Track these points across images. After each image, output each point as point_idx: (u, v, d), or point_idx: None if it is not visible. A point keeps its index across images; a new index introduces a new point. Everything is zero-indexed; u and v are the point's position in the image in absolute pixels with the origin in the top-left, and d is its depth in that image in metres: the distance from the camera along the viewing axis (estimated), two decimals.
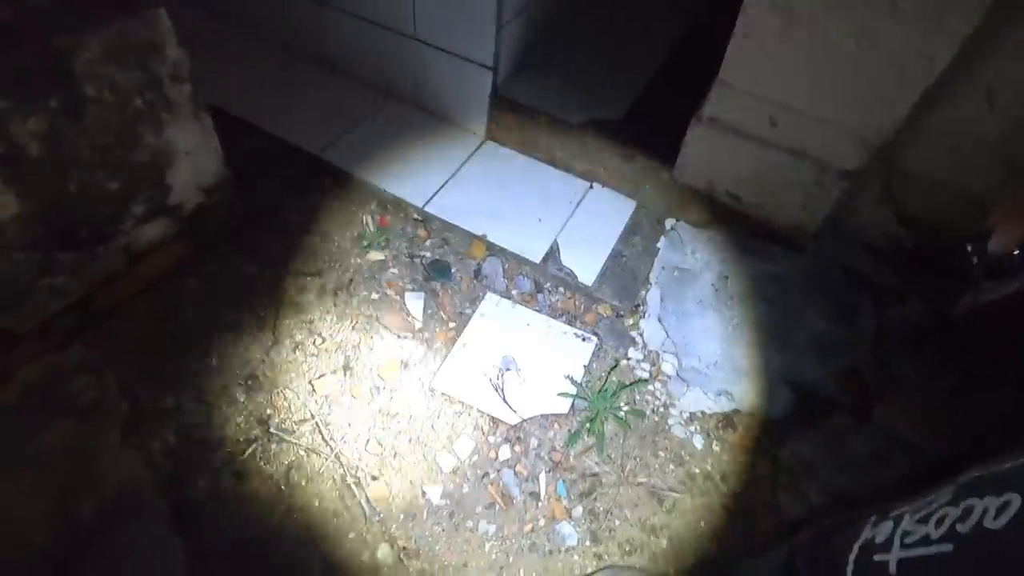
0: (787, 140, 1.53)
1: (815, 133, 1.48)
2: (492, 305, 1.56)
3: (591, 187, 1.83)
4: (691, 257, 1.69)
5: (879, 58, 1.29)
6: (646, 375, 1.46)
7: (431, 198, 1.74)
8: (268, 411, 1.31)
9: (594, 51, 2.07)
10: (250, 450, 1.25)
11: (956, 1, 1.16)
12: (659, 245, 1.71)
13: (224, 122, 1.47)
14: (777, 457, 1.35)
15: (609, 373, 1.44)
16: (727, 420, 1.40)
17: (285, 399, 1.33)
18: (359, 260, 1.60)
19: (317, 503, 1.20)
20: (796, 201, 1.62)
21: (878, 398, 1.46)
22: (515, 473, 1.28)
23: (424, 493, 1.24)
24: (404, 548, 1.16)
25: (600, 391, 1.40)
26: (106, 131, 1.19)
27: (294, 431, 1.29)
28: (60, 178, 1.15)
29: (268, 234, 1.61)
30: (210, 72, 1.38)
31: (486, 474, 1.28)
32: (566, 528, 1.22)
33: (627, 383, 1.43)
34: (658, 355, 1.50)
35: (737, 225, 1.74)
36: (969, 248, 1.03)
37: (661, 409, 1.41)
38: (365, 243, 1.63)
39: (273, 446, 1.26)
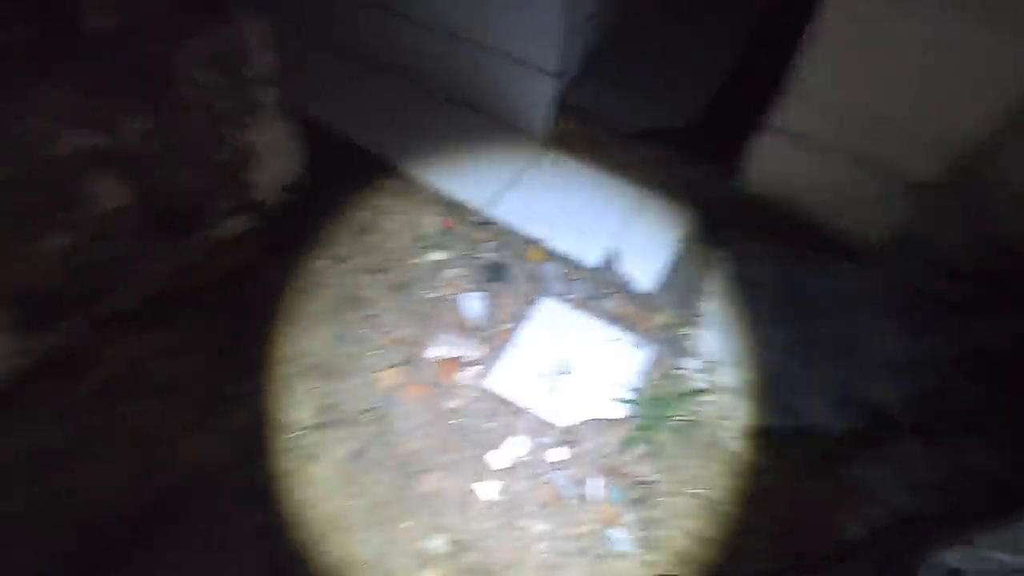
0: (859, 150, 1.48)
1: (890, 144, 1.43)
2: (549, 308, 1.57)
3: (652, 194, 1.82)
4: (752, 268, 1.66)
5: (965, 66, 1.24)
6: (703, 385, 1.44)
7: (492, 201, 1.77)
8: (332, 399, 1.37)
9: (659, 58, 2.06)
10: (314, 435, 1.31)
11: None
12: (719, 255, 1.68)
13: (301, 124, 1.55)
14: (840, 477, 1.30)
15: (665, 382, 1.43)
16: (787, 436, 1.37)
17: (351, 388, 1.39)
18: (421, 259, 1.65)
19: (376, 489, 1.25)
20: (867, 214, 1.56)
21: (951, 422, 1.39)
22: (568, 475, 1.29)
23: (478, 488, 1.26)
24: (457, 540, 1.19)
25: (655, 399, 1.39)
26: (200, 130, 1.28)
27: (356, 420, 1.34)
28: (159, 172, 1.25)
29: (337, 231, 1.69)
30: (289, 77, 1.46)
31: (539, 474, 1.29)
32: (618, 534, 1.22)
33: (683, 392, 1.42)
34: (715, 366, 1.48)
35: (802, 237, 1.69)
36: None
37: (717, 421, 1.39)
38: (427, 243, 1.68)
39: (336, 433, 1.32)
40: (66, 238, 1.13)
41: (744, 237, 1.72)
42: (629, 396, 1.41)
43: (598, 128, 1.85)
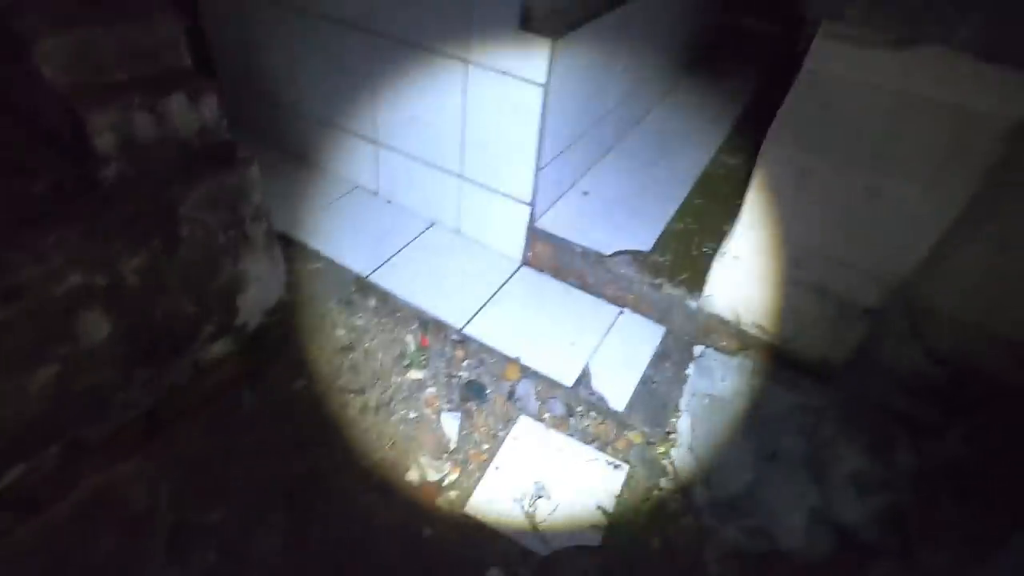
0: (809, 278, 1.62)
1: (835, 272, 1.57)
2: (525, 428, 1.60)
3: (621, 312, 1.93)
4: (721, 384, 1.73)
5: (889, 210, 1.40)
6: (678, 506, 1.45)
7: (469, 320, 1.85)
8: (305, 528, 1.34)
9: (625, 185, 2.26)
10: (285, 567, 1.26)
11: (957, 165, 1.28)
12: (688, 372, 1.76)
13: (287, 247, 1.65)
14: None
15: (641, 504, 1.44)
16: (765, 561, 1.36)
17: (322, 517, 1.36)
18: (399, 378, 1.69)
19: None
20: (821, 335, 1.67)
21: (924, 539, 1.40)
22: None
23: None
24: None
25: (632, 523, 1.39)
26: (193, 264, 1.36)
27: (329, 552, 1.30)
28: (149, 304, 1.31)
29: (317, 350, 1.73)
30: (280, 202, 1.57)
31: None
32: None
33: (660, 515, 1.42)
34: (690, 487, 1.49)
35: (765, 355, 1.78)
36: None
37: (695, 546, 1.39)
38: (406, 362, 1.73)
39: (308, 564, 1.27)
40: (53, 371, 1.16)
41: (710, 355, 1.81)
42: (606, 520, 1.40)
43: (570, 249, 1.98)
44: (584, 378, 1.71)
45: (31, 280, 1.08)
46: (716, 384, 1.73)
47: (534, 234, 2.02)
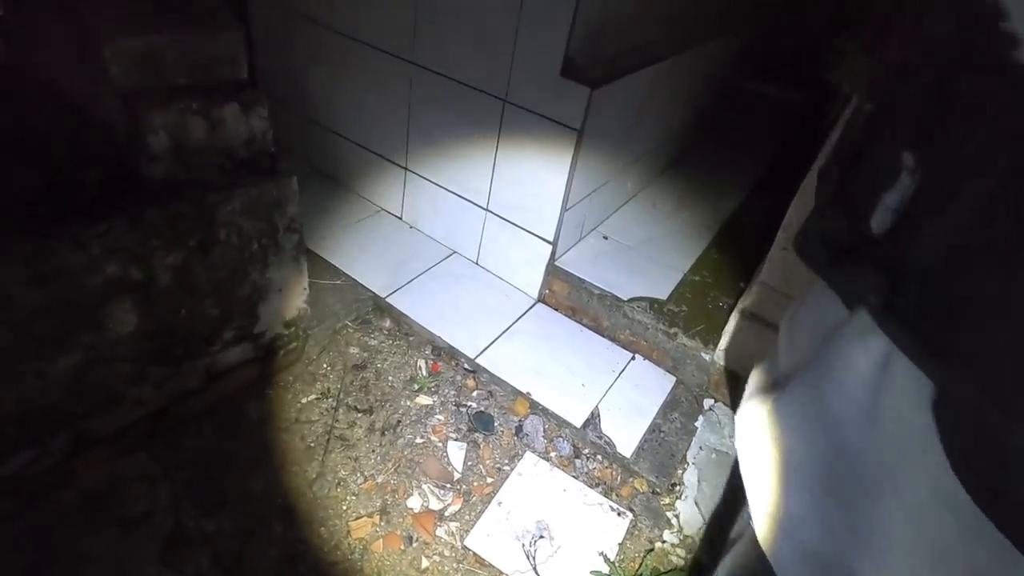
0: None
1: None
2: (530, 465, 1.58)
3: (633, 358, 1.93)
4: (730, 440, 1.72)
5: None
6: (682, 562, 1.42)
7: (483, 351, 1.85)
8: (301, 547, 1.31)
9: (644, 233, 2.31)
10: None
11: None
12: (697, 424, 1.75)
13: (309, 261, 1.67)
14: None
15: (644, 556, 1.41)
16: None
17: (320, 537, 1.34)
18: (409, 402, 1.68)
19: None
20: None
21: None
22: None
23: None
24: None
25: (634, 573, 1.36)
26: (224, 267, 1.38)
27: (323, 574, 1.27)
28: (176, 303, 1.32)
29: (329, 366, 1.73)
30: (305, 218, 1.59)
31: None
32: None
33: (662, 570, 1.39)
34: (695, 542, 1.47)
35: None
36: None
37: None
38: (416, 386, 1.73)
39: None
40: (75, 360, 1.16)
41: (720, 408, 1.80)
42: (607, 569, 1.37)
43: (587, 291, 2.01)
44: (593, 420, 1.70)
45: (69, 267, 1.09)
46: (725, 440, 1.72)
47: (553, 273, 2.04)
